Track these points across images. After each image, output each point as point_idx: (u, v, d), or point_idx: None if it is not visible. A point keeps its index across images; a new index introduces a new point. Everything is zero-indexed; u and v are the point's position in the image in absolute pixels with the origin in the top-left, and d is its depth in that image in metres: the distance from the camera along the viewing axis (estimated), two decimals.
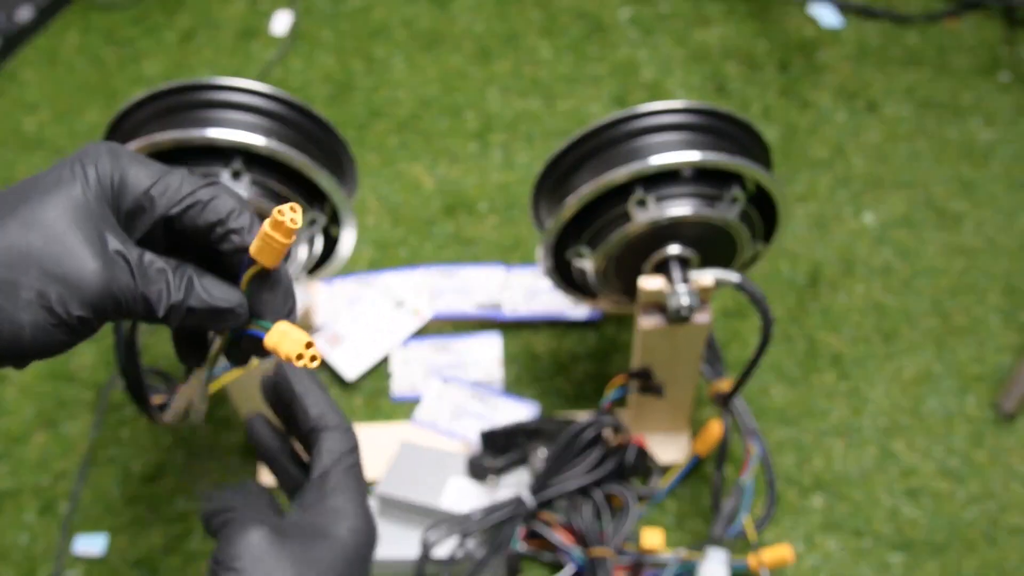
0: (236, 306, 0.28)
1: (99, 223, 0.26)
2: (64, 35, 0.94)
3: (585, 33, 0.92)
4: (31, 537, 0.62)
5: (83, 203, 0.26)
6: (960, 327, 0.71)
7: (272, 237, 0.27)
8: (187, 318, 0.27)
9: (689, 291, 0.52)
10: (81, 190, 0.26)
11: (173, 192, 0.27)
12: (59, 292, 0.25)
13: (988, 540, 0.61)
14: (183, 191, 0.27)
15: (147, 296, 0.26)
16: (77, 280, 0.25)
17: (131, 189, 0.27)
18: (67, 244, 0.25)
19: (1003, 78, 0.87)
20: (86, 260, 0.25)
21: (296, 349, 0.28)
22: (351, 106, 0.86)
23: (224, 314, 0.28)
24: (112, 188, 0.27)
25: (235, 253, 0.28)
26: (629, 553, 0.57)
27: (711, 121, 0.53)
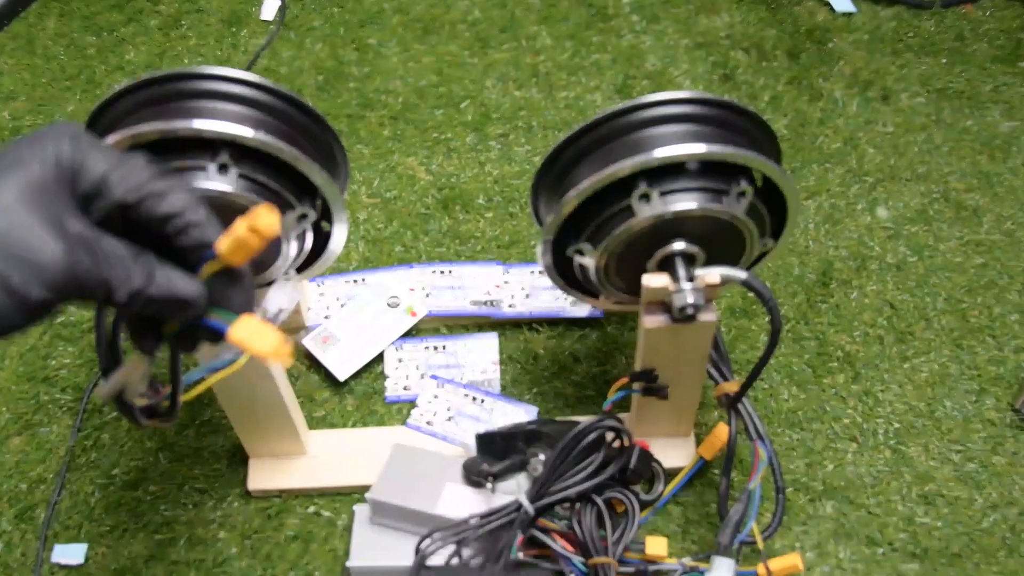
0: (196, 296, 0.29)
1: (59, 205, 0.26)
2: (42, 21, 0.91)
3: (587, 20, 0.90)
4: (7, 545, 0.60)
5: (42, 185, 0.26)
6: (978, 326, 0.69)
7: (247, 240, 0.28)
8: (147, 305, 0.28)
9: (694, 289, 0.49)
10: (40, 172, 0.26)
11: (131, 180, 0.28)
12: (21, 274, 0.25)
13: (1007, 549, 0.58)
14: (140, 179, 0.28)
15: (108, 281, 0.27)
16: (39, 263, 0.25)
17: (89, 173, 0.27)
18: (28, 226, 0.25)
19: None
20: (48, 242, 0.25)
21: (270, 345, 0.29)
22: (342, 96, 0.84)
23: (183, 304, 0.28)
24: (71, 171, 0.27)
25: (191, 248, 0.28)
26: (632, 562, 0.55)
27: (718, 112, 0.51)
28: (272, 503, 0.61)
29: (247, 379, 0.54)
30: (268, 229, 0.28)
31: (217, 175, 0.48)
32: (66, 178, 0.26)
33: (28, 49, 0.89)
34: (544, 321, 0.69)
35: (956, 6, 0.89)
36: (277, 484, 0.60)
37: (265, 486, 0.61)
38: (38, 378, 0.68)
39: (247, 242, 0.28)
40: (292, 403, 0.59)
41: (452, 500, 0.55)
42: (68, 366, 0.68)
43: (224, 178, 0.49)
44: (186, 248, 0.29)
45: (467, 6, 0.91)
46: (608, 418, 0.56)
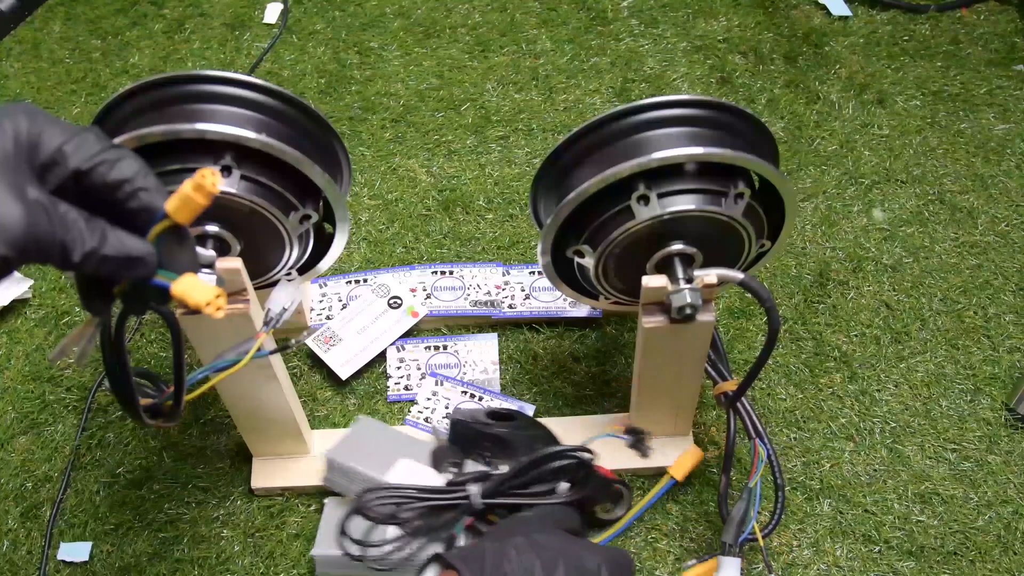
0: (146, 255, 0.31)
1: (18, 175, 0.28)
2: (48, 26, 0.92)
3: (586, 24, 0.90)
4: (12, 543, 0.60)
5: (2, 158, 0.28)
6: (973, 326, 0.69)
7: (192, 198, 0.31)
8: (101, 265, 0.30)
9: (693, 289, 0.50)
10: (0, 145, 0.28)
11: (85, 149, 0.30)
12: None
13: (1002, 547, 0.59)
14: (93, 149, 0.30)
15: (65, 242, 0.28)
16: (2, 224, 0.27)
17: (45, 144, 0.29)
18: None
19: (1019, 69, 0.85)
20: (9, 205, 0.27)
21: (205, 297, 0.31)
22: (344, 99, 0.85)
23: (135, 262, 0.30)
24: (28, 144, 0.29)
25: (141, 212, 0.31)
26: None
27: (715, 115, 0.51)
28: (275, 502, 0.61)
29: (250, 379, 0.54)
30: (211, 187, 0.31)
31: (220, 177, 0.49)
32: (24, 151, 0.29)
33: (34, 53, 0.90)
34: (544, 321, 0.70)
35: (951, 10, 0.90)
36: (280, 483, 0.61)
37: (268, 485, 0.61)
38: (43, 378, 0.68)
39: (192, 200, 0.31)
40: (295, 403, 0.59)
41: (402, 473, 0.56)
42: (73, 366, 0.68)
43: (227, 180, 0.49)
44: (135, 211, 0.31)
45: (467, 10, 0.92)
46: (579, 450, 0.55)
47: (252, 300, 0.53)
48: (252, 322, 0.52)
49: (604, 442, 0.62)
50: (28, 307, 0.72)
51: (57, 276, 0.74)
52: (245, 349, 0.48)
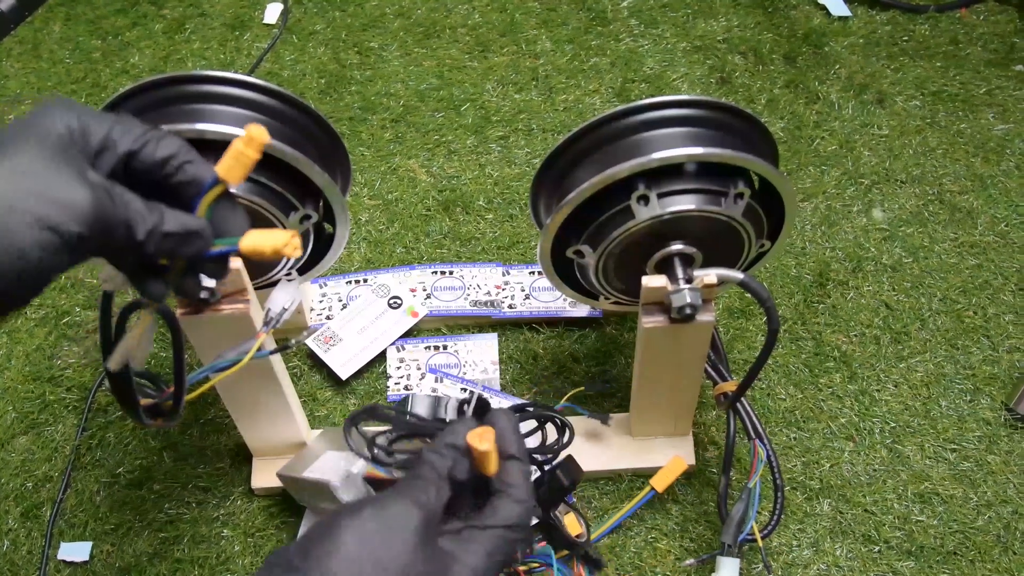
0: (203, 228, 0.32)
1: (78, 161, 0.29)
2: (48, 26, 0.92)
3: (585, 24, 0.90)
4: (13, 543, 0.60)
5: (60, 147, 0.29)
6: (972, 326, 0.69)
7: (244, 153, 0.31)
8: (163, 242, 0.31)
9: (692, 289, 0.50)
10: (56, 136, 0.29)
11: (131, 132, 0.31)
12: (59, 214, 0.28)
13: (1002, 547, 0.59)
14: (137, 131, 0.31)
15: (129, 220, 0.30)
16: (71, 203, 0.28)
17: (94, 132, 0.30)
18: (56, 176, 0.28)
19: (1018, 69, 0.85)
20: (76, 187, 0.28)
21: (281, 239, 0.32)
22: (344, 99, 0.85)
23: (194, 236, 0.32)
24: (80, 133, 0.30)
25: (189, 184, 0.32)
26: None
27: (715, 115, 0.51)
28: (275, 501, 0.61)
29: (250, 379, 0.54)
30: (261, 139, 0.31)
31: None
32: (77, 140, 0.30)
33: (34, 53, 0.90)
34: (544, 321, 0.70)
35: (950, 11, 0.90)
36: (280, 483, 0.61)
37: (268, 485, 0.61)
38: (44, 378, 0.68)
39: (244, 155, 0.32)
40: (295, 402, 0.59)
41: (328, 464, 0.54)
42: (73, 366, 0.69)
43: None
44: (184, 184, 0.32)
45: (467, 10, 0.92)
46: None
47: (252, 300, 0.53)
48: (252, 322, 0.52)
49: (599, 442, 0.62)
50: (28, 307, 0.72)
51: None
52: (245, 349, 0.48)
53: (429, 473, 0.32)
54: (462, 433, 0.33)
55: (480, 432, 0.33)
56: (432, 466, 0.33)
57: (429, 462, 0.33)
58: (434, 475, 0.32)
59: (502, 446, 0.34)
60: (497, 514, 0.32)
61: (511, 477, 0.33)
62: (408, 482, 0.32)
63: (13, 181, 0.28)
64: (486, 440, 0.32)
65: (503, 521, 0.32)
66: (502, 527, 0.32)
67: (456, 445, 0.33)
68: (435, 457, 0.33)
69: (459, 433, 0.33)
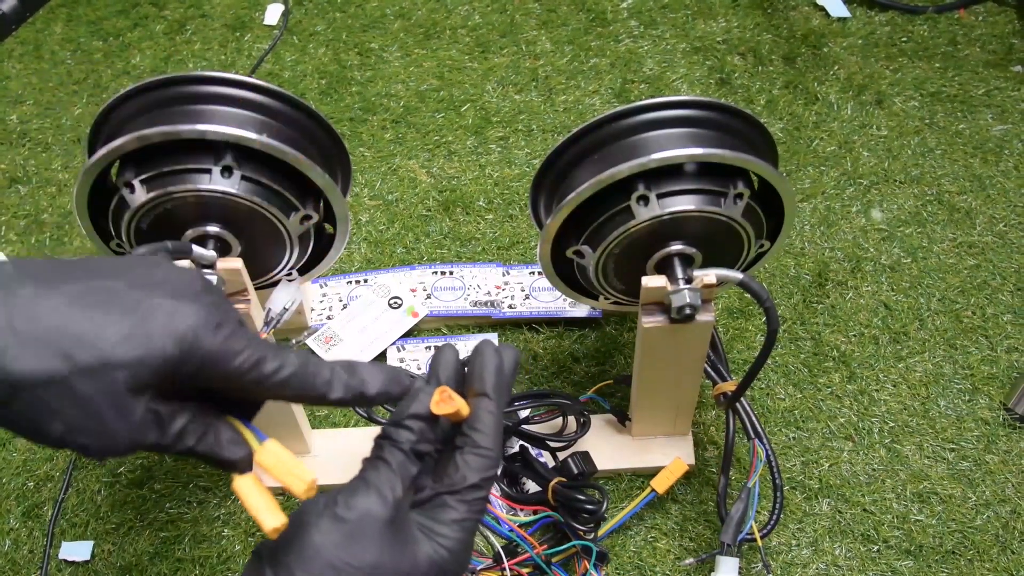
0: (240, 460, 0.31)
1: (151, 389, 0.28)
2: (50, 27, 0.92)
3: (585, 25, 0.91)
4: (14, 542, 0.61)
5: (157, 374, 0.28)
6: (971, 326, 0.69)
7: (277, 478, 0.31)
8: (189, 456, 0.30)
9: (692, 290, 0.50)
10: (159, 360, 0.28)
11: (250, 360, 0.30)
12: (91, 442, 0.27)
13: (1000, 546, 0.59)
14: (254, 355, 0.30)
15: (164, 447, 0.29)
16: (109, 442, 0.28)
17: (219, 365, 0.29)
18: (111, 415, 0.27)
19: (1016, 70, 0.85)
20: (121, 428, 0.28)
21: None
22: (345, 100, 0.85)
23: (223, 465, 0.31)
24: (191, 358, 0.28)
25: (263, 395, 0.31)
26: None
27: (715, 115, 0.51)
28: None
29: None
30: (298, 496, 0.31)
31: (221, 178, 0.49)
32: (179, 362, 0.28)
33: (35, 54, 0.90)
34: (543, 321, 0.70)
35: (949, 11, 0.91)
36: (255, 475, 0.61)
37: (269, 484, 0.61)
38: None
39: (276, 477, 0.31)
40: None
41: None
42: None
43: (228, 180, 0.49)
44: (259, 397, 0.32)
45: (468, 11, 0.92)
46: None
47: (253, 300, 0.53)
48: (253, 322, 0.52)
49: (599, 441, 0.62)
50: None
51: None
52: None
53: (393, 456, 0.32)
54: (424, 401, 0.32)
55: (439, 400, 0.32)
56: (396, 446, 0.32)
57: (393, 440, 0.32)
58: (399, 458, 0.32)
59: (474, 383, 0.33)
60: (463, 472, 0.32)
61: (478, 422, 0.33)
62: (374, 469, 0.32)
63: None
64: (446, 405, 0.32)
65: (470, 480, 0.32)
66: (469, 487, 0.32)
67: (419, 415, 0.32)
68: (398, 433, 0.32)
69: (422, 401, 0.32)
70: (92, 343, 0.26)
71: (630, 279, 0.54)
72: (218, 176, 0.49)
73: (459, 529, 0.31)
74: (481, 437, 0.32)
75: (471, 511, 0.32)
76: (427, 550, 0.31)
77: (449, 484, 0.32)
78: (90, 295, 0.27)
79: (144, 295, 0.28)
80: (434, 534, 0.31)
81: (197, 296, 0.29)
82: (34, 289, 0.27)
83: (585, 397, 0.62)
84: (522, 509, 0.57)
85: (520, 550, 0.55)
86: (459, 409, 0.33)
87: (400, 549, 0.30)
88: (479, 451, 0.32)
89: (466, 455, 0.32)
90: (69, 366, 0.26)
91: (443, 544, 0.31)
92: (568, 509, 0.55)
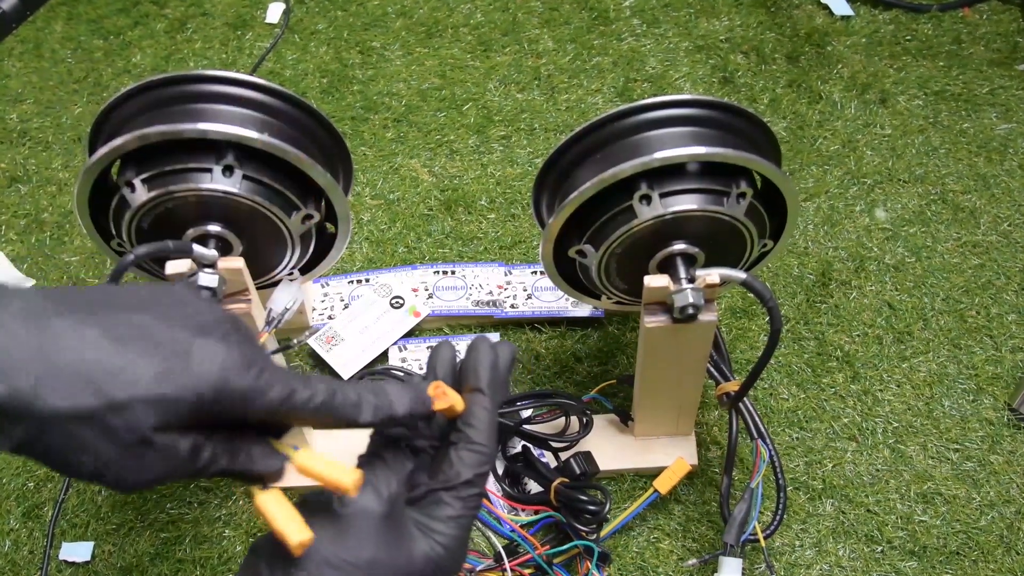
0: (276, 471, 0.31)
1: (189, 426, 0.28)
2: (50, 25, 0.92)
3: (588, 24, 0.90)
4: (14, 543, 0.61)
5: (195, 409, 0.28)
6: (975, 326, 0.69)
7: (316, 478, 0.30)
8: (225, 476, 0.30)
9: (695, 289, 0.50)
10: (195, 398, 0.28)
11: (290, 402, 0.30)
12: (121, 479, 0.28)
13: (1005, 547, 0.59)
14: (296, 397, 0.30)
15: (197, 471, 0.29)
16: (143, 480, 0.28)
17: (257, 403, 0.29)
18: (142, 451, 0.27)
19: (1021, 69, 0.85)
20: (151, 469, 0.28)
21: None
22: (346, 99, 0.85)
23: (257, 479, 0.31)
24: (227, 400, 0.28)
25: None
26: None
27: (718, 114, 0.51)
28: None
29: None
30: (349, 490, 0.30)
31: (222, 177, 0.49)
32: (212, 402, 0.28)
33: (36, 52, 0.90)
34: (546, 321, 0.70)
35: (953, 10, 0.90)
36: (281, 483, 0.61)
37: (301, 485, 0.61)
38: None
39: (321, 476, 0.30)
40: None
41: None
42: None
43: (229, 180, 0.49)
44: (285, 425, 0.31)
45: (469, 10, 0.92)
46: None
47: (254, 300, 0.53)
48: (254, 322, 0.52)
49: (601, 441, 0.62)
50: None
51: (59, 276, 0.74)
52: None
53: (388, 453, 0.32)
54: (420, 398, 0.32)
55: (434, 395, 0.32)
56: (392, 443, 0.32)
57: (388, 437, 0.32)
58: (394, 454, 0.32)
59: (468, 378, 0.33)
60: (457, 469, 0.32)
61: (472, 417, 0.33)
62: (369, 465, 0.32)
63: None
64: (441, 400, 0.32)
65: (464, 476, 0.32)
66: (463, 483, 0.32)
67: (414, 414, 0.32)
68: (393, 430, 0.33)
69: (417, 399, 0.32)
70: (125, 380, 0.26)
71: (633, 279, 0.54)
72: (219, 175, 0.49)
73: (455, 526, 0.31)
74: (475, 433, 0.32)
75: (466, 507, 0.32)
76: (423, 547, 0.31)
77: (444, 480, 0.32)
78: (122, 329, 0.27)
79: (176, 332, 0.28)
80: (430, 531, 0.31)
81: (227, 335, 0.29)
82: (66, 321, 0.27)
83: (587, 397, 0.62)
84: (524, 509, 0.57)
85: (521, 550, 0.55)
86: (454, 404, 0.32)
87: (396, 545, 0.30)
88: (472, 447, 0.32)
89: (460, 451, 0.32)
90: (101, 402, 0.26)
91: (439, 541, 0.31)
92: (571, 510, 0.55)
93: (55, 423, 0.26)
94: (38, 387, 0.25)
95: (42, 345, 0.26)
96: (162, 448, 0.27)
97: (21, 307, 0.26)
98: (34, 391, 0.25)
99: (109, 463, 0.27)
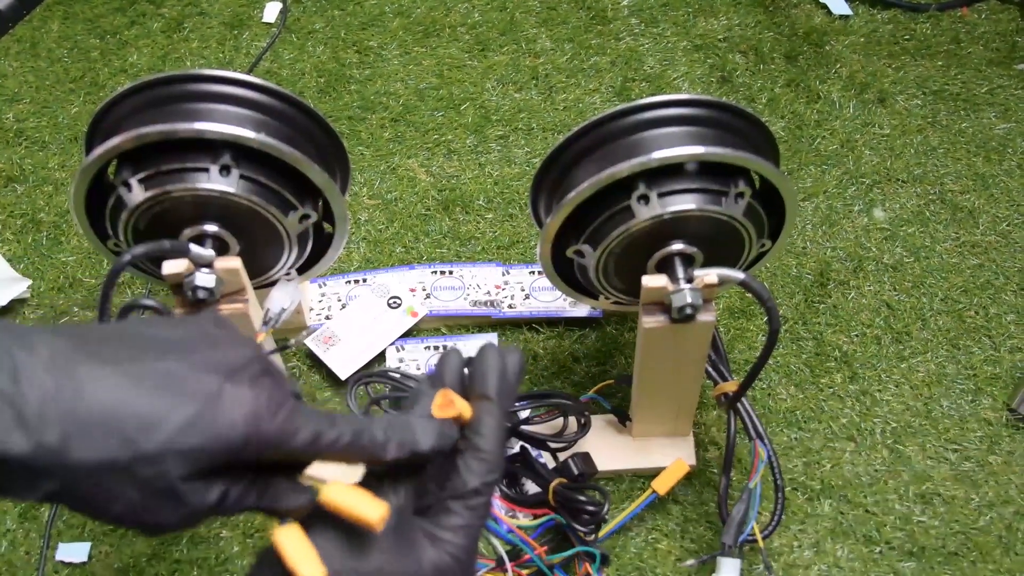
0: (303, 506, 0.30)
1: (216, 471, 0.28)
2: (46, 24, 0.91)
3: (586, 23, 0.90)
4: (11, 544, 0.60)
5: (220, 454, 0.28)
6: (974, 326, 0.69)
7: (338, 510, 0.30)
8: (253, 512, 0.30)
9: (693, 289, 0.50)
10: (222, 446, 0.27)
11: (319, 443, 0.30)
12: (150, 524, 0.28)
13: (1003, 547, 0.59)
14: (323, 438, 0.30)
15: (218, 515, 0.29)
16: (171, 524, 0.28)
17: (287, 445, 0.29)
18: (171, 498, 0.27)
19: (1020, 68, 0.85)
20: (179, 513, 0.28)
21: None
22: (343, 98, 0.84)
23: (285, 515, 0.30)
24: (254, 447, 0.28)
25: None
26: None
27: (716, 114, 0.51)
28: None
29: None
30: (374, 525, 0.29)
31: (219, 176, 0.49)
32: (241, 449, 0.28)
33: (32, 52, 0.89)
34: (544, 321, 0.70)
35: (952, 9, 0.90)
36: None
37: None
38: None
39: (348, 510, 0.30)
40: None
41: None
42: None
43: (226, 179, 0.49)
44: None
45: (467, 9, 0.92)
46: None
47: (251, 300, 0.52)
48: (251, 322, 0.52)
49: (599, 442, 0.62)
50: (27, 307, 0.72)
51: (56, 276, 0.74)
52: None
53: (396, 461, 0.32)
54: (426, 405, 0.32)
55: (441, 403, 0.32)
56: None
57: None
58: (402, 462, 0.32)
59: (476, 386, 0.33)
60: (464, 477, 0.32)
61: (480, 425, 0.32)
62: (377, 476, 0.32)
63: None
64: (448, 408, 0.32)
65: (471, 485, 0.31)
66: (471, 491, 0.31)
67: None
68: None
69: (423, 404, 0.32)
70: (155, 430, 0.26)
71: (631, 279, 0.54)
72: (216, 175, 0.49)
73: (463, 534, 0.31)
74: (482, 441, 0.32)
75: (475, 516, 0.32)
76: (432, 556, 0.31)
77: (452, 489, 0.32)
78: (151, 377, 0.27)
79: (205, 378, 0.28)
80: (438, 540, 0.31)
81: (257, 380, 0.29)
82: (94, 369, 0.27)
83: (586, 397, 0.62)
84: (522, 511, 0.57)
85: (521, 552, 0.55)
86: (461, 412, 0.32)
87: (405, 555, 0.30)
88: (480, 455, 0.32)
89: (467, 459, 0.32)
90: (131, 453, 0.26)
91: (447, 550, 0.31)
92: (569, 510, 0.55)
93: (83, 475, 0.26)
94: (66, 441, 0.25)
95: (69, 396, 0.26)
96: (190, 494, 0.27)
97: (48, 355, 0.26)
98: (62, 444, 0.25)
99: (137, 510, 0.27)
